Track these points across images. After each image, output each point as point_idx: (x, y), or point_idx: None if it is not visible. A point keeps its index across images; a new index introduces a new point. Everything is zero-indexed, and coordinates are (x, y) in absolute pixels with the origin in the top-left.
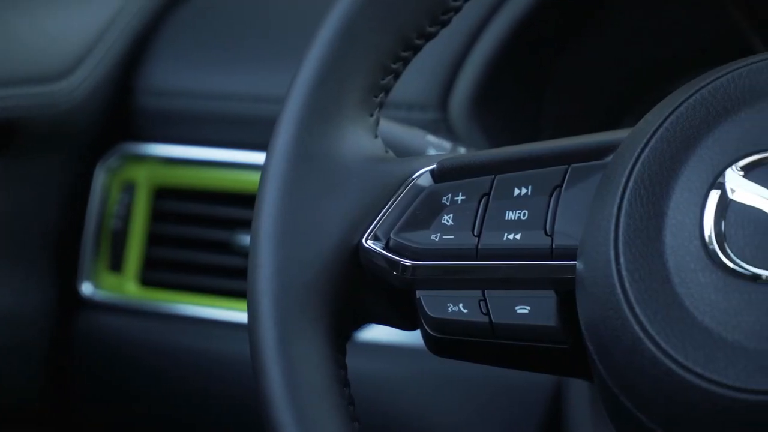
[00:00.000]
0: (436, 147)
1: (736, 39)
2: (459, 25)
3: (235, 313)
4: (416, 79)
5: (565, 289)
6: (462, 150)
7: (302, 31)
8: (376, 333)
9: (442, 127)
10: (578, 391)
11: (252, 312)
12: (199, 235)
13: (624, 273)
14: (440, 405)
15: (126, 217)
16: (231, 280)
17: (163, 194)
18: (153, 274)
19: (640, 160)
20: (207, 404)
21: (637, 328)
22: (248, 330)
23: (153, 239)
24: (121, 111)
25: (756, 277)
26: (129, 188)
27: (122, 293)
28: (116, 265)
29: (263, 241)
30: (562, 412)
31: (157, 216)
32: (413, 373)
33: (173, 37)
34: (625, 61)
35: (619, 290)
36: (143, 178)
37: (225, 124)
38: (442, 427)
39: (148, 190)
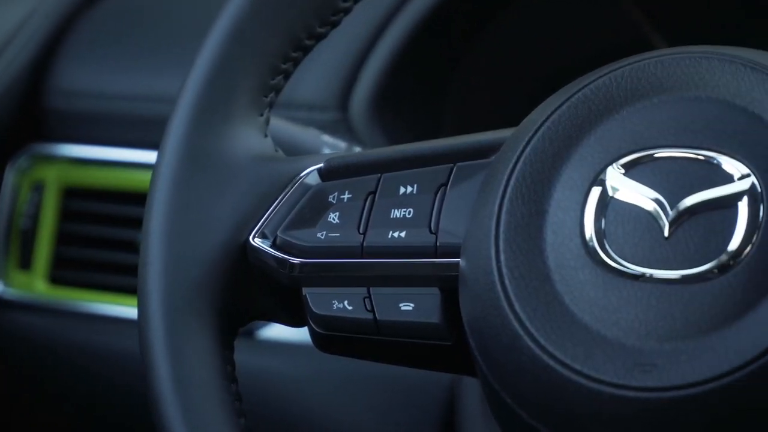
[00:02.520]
0: (331, 147)
1: (638, 38)
2: (360, 24)
3: None
4: (317, 79)
5: (449, 286)
6: (357, 150)
7: (206, 32)
8: (278, 331)
9: (342, 127)
10: (471, 388)
11: (141, 309)
12: (106, 234)
13: (504, 270)
14: (340, 403)
15: (35, 217)
16: (137, 279)
17: (71, 194)
18: (62, 273)
19: (522, 159)
20: (116, 400)
21: (516, 325)
22: (138, 327)
23: (62, 238)
24: (31, 112)
25: (635, 275)
26: (38, 188)
27: (31, 291)
28: (26, 263)
29: (152, 239)
30: (456, 410)
31: (65, 215)
32: (313, 371)
33: (83, 39)
34: (528, 59)
35: (499, 288)
36: (52, 178)
37: (132, 124)
38: (342, 425)
39: (57, 189)
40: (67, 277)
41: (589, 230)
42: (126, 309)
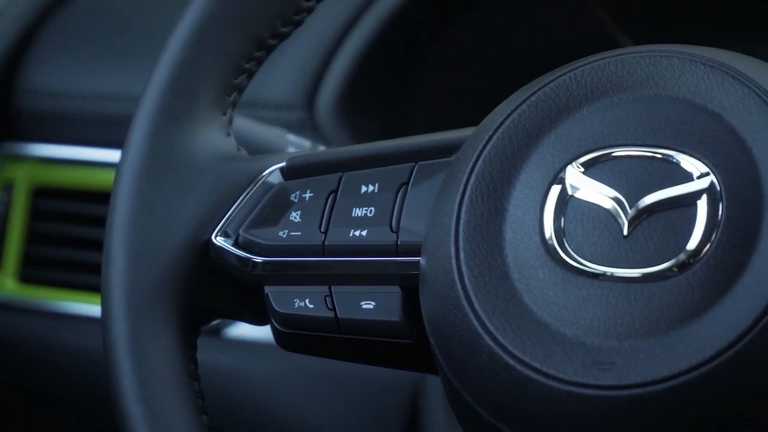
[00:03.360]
0: (296, 146)
1: (604, 37)
2: (327, 24)
3: None
4: (283, 78)
5: (410, 285)
6: (321, 149)
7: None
8: (244, 330)
9: (308, 126)
10: (435, 387)
11: (104, 307)
12: (76, 233)
13: (464, 269)
14: (305, 402)
15: (5, 216)
16: None
17: (41, 193)
18: (32, 272)
19: (482, 158)
20: (86, 399)
21: (475, 323)
22: (101, 325)
23: (31, 237)
24: (1, 111)
25: (594, 274)
26: (8, 187)
27: (1, 290)
28: None
29: (115, 238)
30: (420, 408)
31: (35, 215)
32: (279, 370)
33: (53, 39)
34: (495, 59)
35: (458, 286)
36: (22, 177)
37: (102, 124)
38: (307, 422)
39: (26, 189)
40: (37, 276)
41: (549, 229)
42: (96, 308)
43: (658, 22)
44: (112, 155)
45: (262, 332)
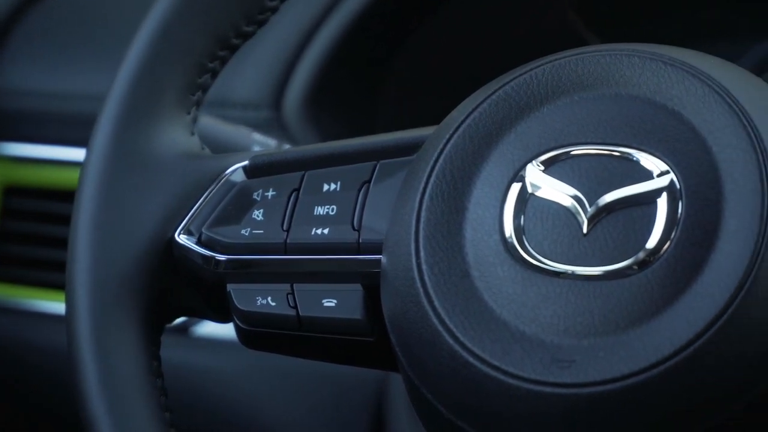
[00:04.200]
0: (262, 145)
1: (572, 37)
2: (294, 23)
3: None
4: (251, 78)
5: (372, 283)
6: (287, 148)
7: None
8: (212, 328)
9: (275, 126)
10: (400, 385)
11: (68, 304)
12: (47, 232)
13: (424, 267)
14: (271, 400)
15: None
16: None
17: (12, 192)
18: (3, 270)
19: (442, 156)
20: (56, 397)
21: (435, 321)
22: (65, 322)
23: (3, 236)
24: None
25: (553, 272)
26: None
27: None
28: None
29: (79, 236)
30: (385, 406)
31: (7, 213)
32: (246, 368)
33: (23, 38)
34: (464, 59)
35: (419, 284)
36: None
37: (73, 122)
38: (272, 421)
39: None
40: (9, 275)
41: (509, 227)
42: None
43: (626, 21)
44: (83, 154)
45: (230, 330)
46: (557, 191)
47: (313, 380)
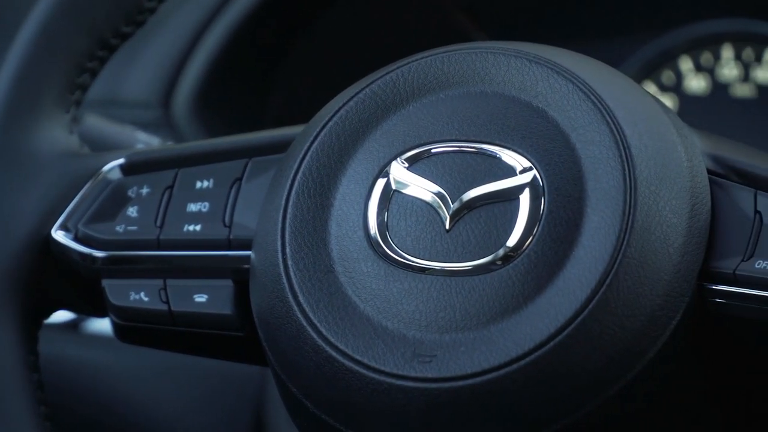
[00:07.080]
0: (145, 144)
1: (462, 37)
2: (184, 23)
3: None
4: (140, 77)
5: (243, 278)
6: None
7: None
8: (102, 324)
9: (165, 125)
10: None
11: None
12: None
13: (289, 263)
14: (160, 395)
15: None
16: None
17: None
18: None
19: (309, 154)
20: None
21: (300, 316)
22: None
23: None
24: None
25: (416, 267)
26: None
27: None
28: None
29: None
30: (264, 400)
31: None
32: (133, 364)
33: None
34: (352, 62)
35: (284, 279)
36: None
37: None
38: (162, 415)
39: None
40: None
41: (373, 223)
42: None
43: (516, 22)
44: None
45: None
46: (420, 188)
47: (197, 375)
